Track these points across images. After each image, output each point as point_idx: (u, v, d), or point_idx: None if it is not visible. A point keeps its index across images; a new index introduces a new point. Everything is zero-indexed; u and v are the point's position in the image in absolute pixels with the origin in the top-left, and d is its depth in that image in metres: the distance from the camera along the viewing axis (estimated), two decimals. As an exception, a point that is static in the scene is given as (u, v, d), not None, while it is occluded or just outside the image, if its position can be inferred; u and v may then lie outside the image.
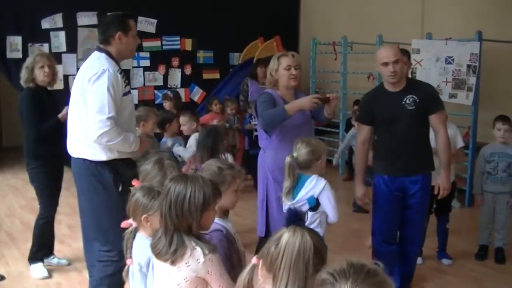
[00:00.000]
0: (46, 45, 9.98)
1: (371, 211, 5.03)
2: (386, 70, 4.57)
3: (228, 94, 10.17)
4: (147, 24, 10.63)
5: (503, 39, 8.05)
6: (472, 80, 7.76)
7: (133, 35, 4.36)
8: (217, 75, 11.53)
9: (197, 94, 11.48)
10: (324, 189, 4.13)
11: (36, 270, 5.50)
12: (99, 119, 4.00)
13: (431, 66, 8.05)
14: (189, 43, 11.33)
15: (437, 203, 5.62)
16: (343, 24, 10.94)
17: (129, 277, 3.19)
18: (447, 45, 7.98)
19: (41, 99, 5.37)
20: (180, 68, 11.35)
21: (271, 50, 10.47)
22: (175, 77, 11.32)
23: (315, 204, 4.13)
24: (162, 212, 2.63)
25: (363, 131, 4.90)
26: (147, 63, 10.86)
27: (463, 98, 7.86)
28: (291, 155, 4.16)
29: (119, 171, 4.15)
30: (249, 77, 9.23)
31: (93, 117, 4.02)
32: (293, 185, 4.18)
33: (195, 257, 2.56)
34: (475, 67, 7.72)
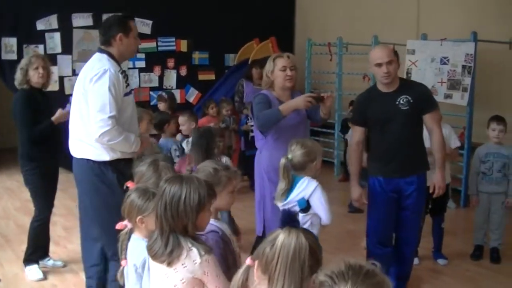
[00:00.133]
0: (41, 47, 9.94)
1: (366, 212, 5.02)
2: (379, 71, 4.57)
3: (223, 95, 10.16)
4: (142, 25, 10.59)
5: (498, 39, 8.07)
6: (467, 80, 7.77)
7: (134, 36, 4.39)
8: (212, 76, 11.52)
9: (193, 95, 11.47)
10: (314, 191, 4.09)
11: (31, 272, 5.49)
12: (100, 118, 4.03)
13: (426, 66, 8.05)
14: (184, 44, 11.31)
15: (433, 203, 5.63)
16: (339, 25, 10.94)
17: (123, 278, 3.20)
18: (442, 45, 7.98)
19: (35, 101, 5.35)
20: (175, 69, 11.33)
21: (267, 51, 10.48)
22: (171, 78, 11.31)
23: (306, 205, 4.10)
24: (157, 213, 2.63)
25: (357, 133, 4.89)
26: (142, 64, 10.83)
27: (458, 98, 7.87)
28: (286, 157, 4.15)
29: (122, 170, 4.16)
30: (244, 78, 9.24)
31: (95, 116, 4.05)
32: (288, 188, 4.16)
33: (192, 258, 2.56)
34: (470, 67, 7.72)
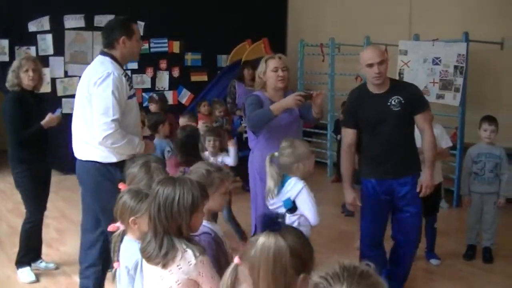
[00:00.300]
0: (33, 48, 9.94)
1: (358, 214, 5.01)
2: (371, 71, 4.53)
3: (216, 96, 10.16)
4: (134, 26, 10.57)
5: (489, 40, 8.10)
6: (459, 81, 7.79)
7: (136, 38, 4.43)
8: (205, 77, 11.52)
9: (185, 96, 11.46)
10: (300, 191, 4.06)
11: (23, 274, 5.46)
12: (104, 121, 4.06)
13: (419, 67, 8.08)
14: (177, 46, 11.31)
15: (425, 203, 5.62)
16: (331, 25, 10.95)
17: (115, 280, 3.19)
18: (434, 46, 8.01)
19: (26, 103, 5.32)
20: (168, 70, 11.33)
21: (259, 52, 10.49)
22: (163, 80, 11.30)
23: (292, 206, 4.09)
24: (151, 215, 2.63)
25: (348, 135, 4.79)
26: (134, 65, 10.76)
27: (450, 98, 7.89)
28: (272, 154, 4.18)
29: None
30: (236, 79, 9.23)
31: (98, 120, 4.08)
32: (277, 186, 4.12)
33: (187, 259, 2.56)
34: (462, 68, 7.74)
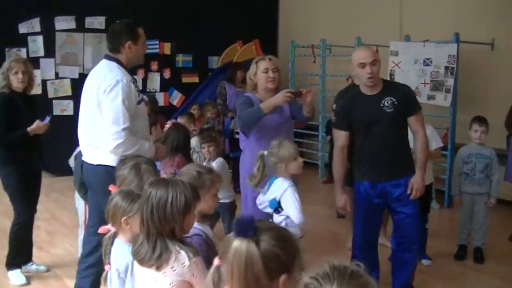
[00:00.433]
0: (23, 50, 9.89)
1: (348, 216, 5.01)
2: (363, 72, 4.48)
3: (207, 97, 10.13)
4: (125, 28, 10.54)
5: (480, 41, 8.13)
6: (450, 81, 7.81)
7: (142, 42, 4.40)
8: (196, 79, 11.49)
9: (176, 98, 11.44)
10: (285, 191, 4.13)
11: (13, 277, 5.43)
12: (114, 130, 4.07)
13: (409, 68, 8.09)
14: (168, 47, 11.27)
15: (416, 204, 5.64)
16: (322, 27, 10.97)
17: (107, 283, 3.18)
18: (425, 47, 8.02)
19: (15, 106, 5.26)
20: (159, 72, 11.29)
21: (250, 53, 10.49)
22: (154, 81, 11.27)
23: (277, 206, 4.16)
24: (143, 217, 2.62)
25: (341, 137, 4.73)
26: (125, 67, 10.77)
27: (441, 99, 7.90)
28: (261, 153, 4.30)
29: None
30: (226, 80, 9.23)
31: (108, 129, 4.09)
32: (259, 178, 4.29)
33: (180, 261, 2.56)
34: (453, 68, 7.76)
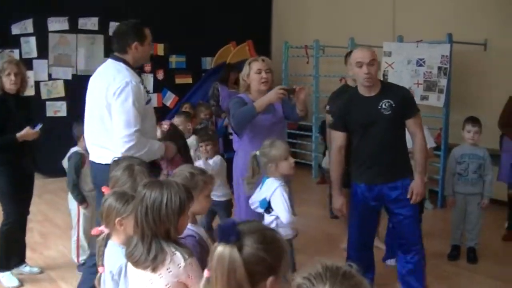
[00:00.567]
0: (16, 51, 9.88)
1: (343, 217, 5.01)
2: (360, 71, 4.42)
3: (200, 98, 10.10)
4: (118, 29, 10.51)
5: (473, 41, 8.15)
6: (443, 82, 7.82)
7: (148, 43, 4.41)
8: (189, 80, 11.50)
9: (170, 99, 11.44)
10: (275, 191, 4.16)
11: (4, 279, 5.39)
12: (126, 133, 4.09)
13: (403, 68, 8.10)
14: (161, 48, 11.27)
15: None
16: (315, 27, 10.98)
17: (100, 285, 3.17)
18: (418, 47, 8.04)
19: (7, 108, 5.23)
20: (152, 73, 11.29)
21: (243, 54, 10.49)
22: (148, 82, 11.21)
23: (268, 206, 4.18)
24: (138, 219, 2.61)
25: (338, 138, 4.70)
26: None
27: (435, 100, 7.92)
28: (254, 153, 4.34)
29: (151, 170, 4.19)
30: (218, 81, 9.22)
31: (120, 132, 4.10)
32: (254, 179, 4.31)
33: (176, 262, 2.56)
34: (446, 69, 7.77)
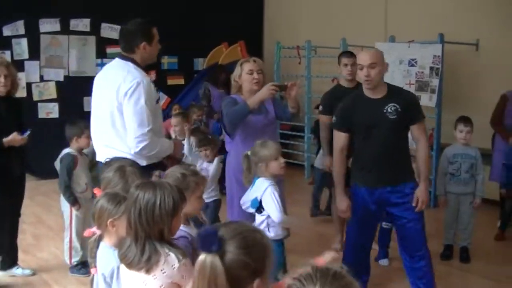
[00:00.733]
0: (8, 52, 9.82)
1: (335, 217, 5.00)
2: (361, 74, 4.37)
3: (193, 99, 10.10)
4: (110, 30, 10.47)
5: (464, 41, 8.18)
6: (435, 82, 7.85)
7: (156, 42, 4.41)
8: (181, 81, 11.47)
9: (162, 100, 11.39)
10: (265, 191, 4.17)
11: None
12: (140, 133, 4.10)
13: (395, 68, 8.09)
14: (153, 49, 11.22)
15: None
16: (307, 28, 10.99)
17: (93, 286, 3.17)
18: (410, 47, 8.07)
19: None
20: (144, 74, 11.24)
21: (235, 55, 10.50)
22: (140, 83, 11.21)
23: (259, 206, 4.20)
24: (131, 220, 2.59)
25: (340, 138, 4.63)
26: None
27: (427, 100, 7.93)
28: (246, 153, 4.38)
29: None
30: (209, 82, 9.21)
31: (133, 132, 4.11)
32: (247, 176, 4.36)
33: (170, 263, 2.55)
34: (438, 69, 7.80)
